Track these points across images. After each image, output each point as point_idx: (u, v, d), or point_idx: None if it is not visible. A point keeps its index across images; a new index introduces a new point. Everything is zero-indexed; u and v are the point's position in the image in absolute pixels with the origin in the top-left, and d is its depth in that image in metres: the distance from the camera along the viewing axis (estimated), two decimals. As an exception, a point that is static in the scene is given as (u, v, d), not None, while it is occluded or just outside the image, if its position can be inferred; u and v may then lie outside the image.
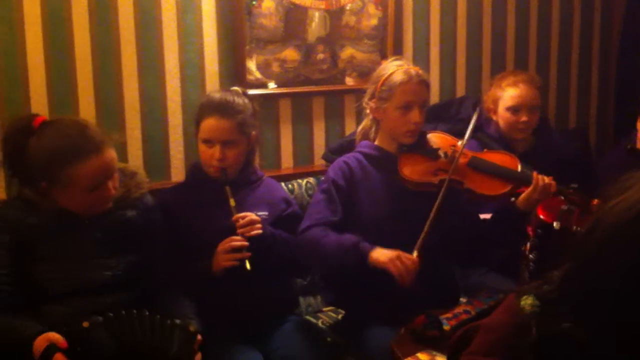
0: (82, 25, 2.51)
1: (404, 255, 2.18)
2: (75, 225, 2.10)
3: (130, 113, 2.64)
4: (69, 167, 2.00)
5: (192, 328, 1.92)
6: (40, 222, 2.07)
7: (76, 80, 2.52)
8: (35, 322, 1.94)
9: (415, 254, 2.20)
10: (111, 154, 2.09)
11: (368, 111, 2.48)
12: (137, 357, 1.81)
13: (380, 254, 2.19)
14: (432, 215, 2.24)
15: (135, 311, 1.86)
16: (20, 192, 2.14)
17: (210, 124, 2.33)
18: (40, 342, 1.85)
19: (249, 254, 2.22)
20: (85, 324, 1.78)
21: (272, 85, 2.93)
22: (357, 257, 2.21)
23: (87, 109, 2.50)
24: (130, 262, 2.15)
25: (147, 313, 1.87)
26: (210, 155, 2.34)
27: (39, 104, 2.43)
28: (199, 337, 1.95)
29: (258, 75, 2.90)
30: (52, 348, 1.81)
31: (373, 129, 2.51)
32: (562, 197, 2.42)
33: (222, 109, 2.34)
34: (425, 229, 2.23)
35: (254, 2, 2.84)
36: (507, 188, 2.41)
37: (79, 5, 2.49)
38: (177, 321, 1.91)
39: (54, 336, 1.84)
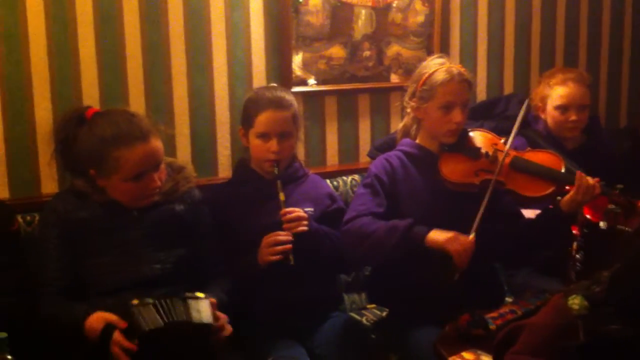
0: (132, 23, 2.56)
1: (462, 235, 2.19)
2: (124, 219, 2.15)
3: (179, 110, 2.69)
4: (114, 152, 2.06)
5: (199, 294, 1.97)
6: (91, 215, 2.13)
7: (127, 78, 2.57)
8: (81, 305, 2.02)
9: (472, 236, 2.20)
10: (157, 143, 2.13)
11: (409, 110, 2.47)
12: (175, 333, 1.89)
13: (438, 234, 2.20)
14: (484, 202, 2.23)
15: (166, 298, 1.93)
16: (72, 184, 2.20)
17: (267, 117, 2.36)
18: (94, 321, 1.93)
19: (290, 246, 2.24)
20: (135, 301, 1.86)
21: (311, 81, 2.94)
22: (412, 240, 2.21)
23: (137, 106, 2.54)
24: (179, 255, 2.19)
25: (164, 298, 1.93)
26: (267, 149, 2.36)
27: (91, 100, 2.49)
28: (212, 300, 2.00)
29: (303, 72, 2.92)
30: (110, 327, 1.89)
31: (414, 127, 2.49)
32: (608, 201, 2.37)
33: (277, 102, 2.38)
34: (479, 213, 2.22)
35: (300, 0, 2.85)
36: (550, 189, 2.36)
37: (129, 4, 2.54)
38: (187, 294, 1.97)
39: (110, 316, 1.91)
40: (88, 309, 1.98)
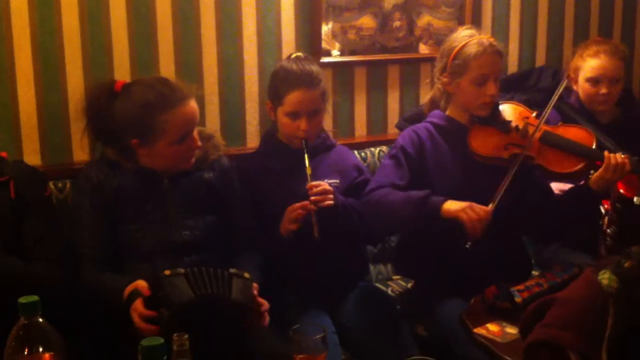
0: (163, -8, 2.56)
1: (477, 205, 2.17)
2: (155, 186, 2.18)
3: (209, 79, 2.69)
4: (161, 116, 2.08)
5: (247, 275, 1.97)
6: (123, 183, 2.16)
7: (157, 47, 2.58)
8: (123, 277, 2.03)
9: (490, 206, 2.18)
10: (195, 104, 2.16)
11: (440, 85, 2.44)
12: (207, 307, 1.89)
13: (453, 204, 2.18)
14: (507, 176, 2.22)
15: (203, 268, 1.92)
16: (104, 153, 2.23)
17: (297, 96, 2.33)
18: (129, 290, 1.94)
19: (305, 212, 2.22)
20: (167, 272, 1.86)
21: (335, 52, 2.92)
22: (428, 210, 2.19)
23: (167, 74, 2.54)
24: (209, 222, 2.21)
25: (208, 268, 1.92)
26: (296, 127, 2.34)
27: (122, 69, 2.51)
28: (255, 284, 2.00)
29: (332, 42, 2.90)
30: (135, 293, 1.91)
31: (443, 99, 2.46)
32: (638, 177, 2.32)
33: (307, 80, 2.33)
34: (502, 185, 2.21)
35: (331, -31, 2.83)
36: (580, 165, 2.32)
37: (160, -27, 2.55)
38: (232, 270, 1.96)
39: (140, 283, 1.93)
40: (129, 280, 1.98)
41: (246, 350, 1.95)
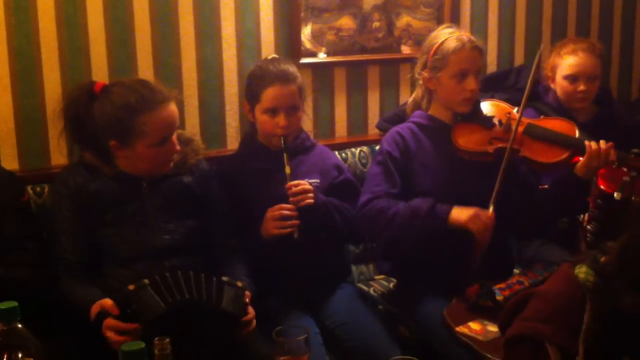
0: (141, -6, 2.55)
1: (482, 212, 2.19)
2: (134, 191, 2.16)
3: (188, 81, 2.68)
4: (141, 117, 2.06)
5: (239, 284, 1.96)
6: (101, 187, 2.14)
7: (135, 49, 2.56)
8: (95, 290, 2.01)
9: (491, 209, 2.21)
10: (175, 107, 2.15)
11: (421, 82, 2.45)
12: (187, 314, 1.86)
13: (460, 214, 2.21)
14: (501, 171, 2.23)
15: (180, 272, 1.89)
16: (81, 157, 2.21)
17: (274, 92, 2.33)
18: (95, 309, 1.91)
19: (297, 222, 2.24)
20: (131, 287, 1.83)
21: (322, 55, 2.92)
22: (436, 220, 2.22)
23: (145, 77, 2.53)
24: (189, 227, 2.19)
25: (192, 273, 1.90)
26: (275, 124, 2.34)
27: (100, 72, 2.49)
28: (248, 293, 1.99)
29: (312, 44, 2.90)
30: (103, 313, 1.88)
31: (425, 99, 2.48)
32: (624, 167, 2.34)
33: (283, 76, 2.34)
34: (497, 183, 2.22)
35: (310, -30, 2.83)
36: (565, 155, 2.35)
37: (138, -25, 2.53)
38: (225, 278, 1.94)
39: (107, 302, 1.90)
40: (96, 298, 1.94)
41: (233, 354, 1.94)
